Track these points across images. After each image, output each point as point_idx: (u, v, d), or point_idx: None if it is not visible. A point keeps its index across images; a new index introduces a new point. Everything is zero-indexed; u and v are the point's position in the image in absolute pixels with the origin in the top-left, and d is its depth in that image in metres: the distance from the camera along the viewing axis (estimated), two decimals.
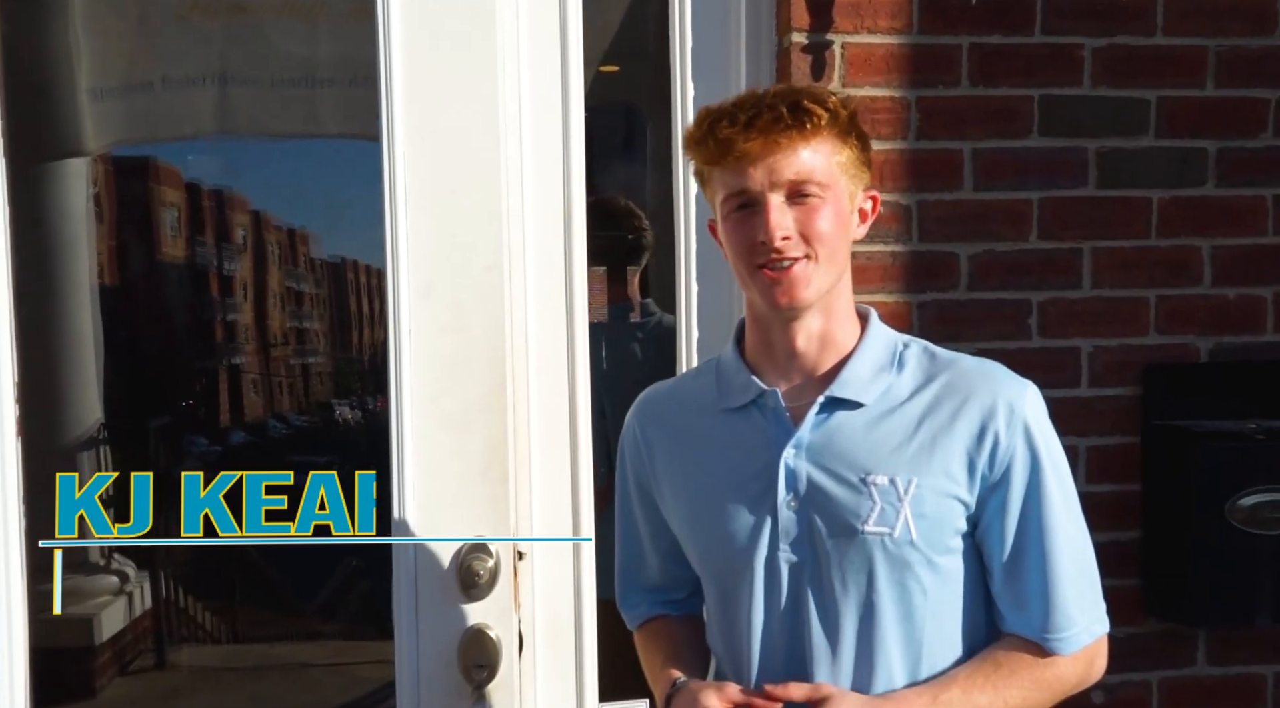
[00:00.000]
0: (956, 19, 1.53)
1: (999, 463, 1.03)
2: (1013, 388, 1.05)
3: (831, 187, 1.03)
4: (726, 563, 1.09)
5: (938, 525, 1.03)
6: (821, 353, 1.08)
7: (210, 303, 5.89)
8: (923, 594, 1.04)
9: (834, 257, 1.04)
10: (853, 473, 1.03)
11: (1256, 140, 1.60)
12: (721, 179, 1.05)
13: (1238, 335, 1.60)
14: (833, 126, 1.03)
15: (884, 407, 1.05)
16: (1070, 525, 1.05)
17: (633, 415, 1.21)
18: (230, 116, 2.56)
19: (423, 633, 1.45)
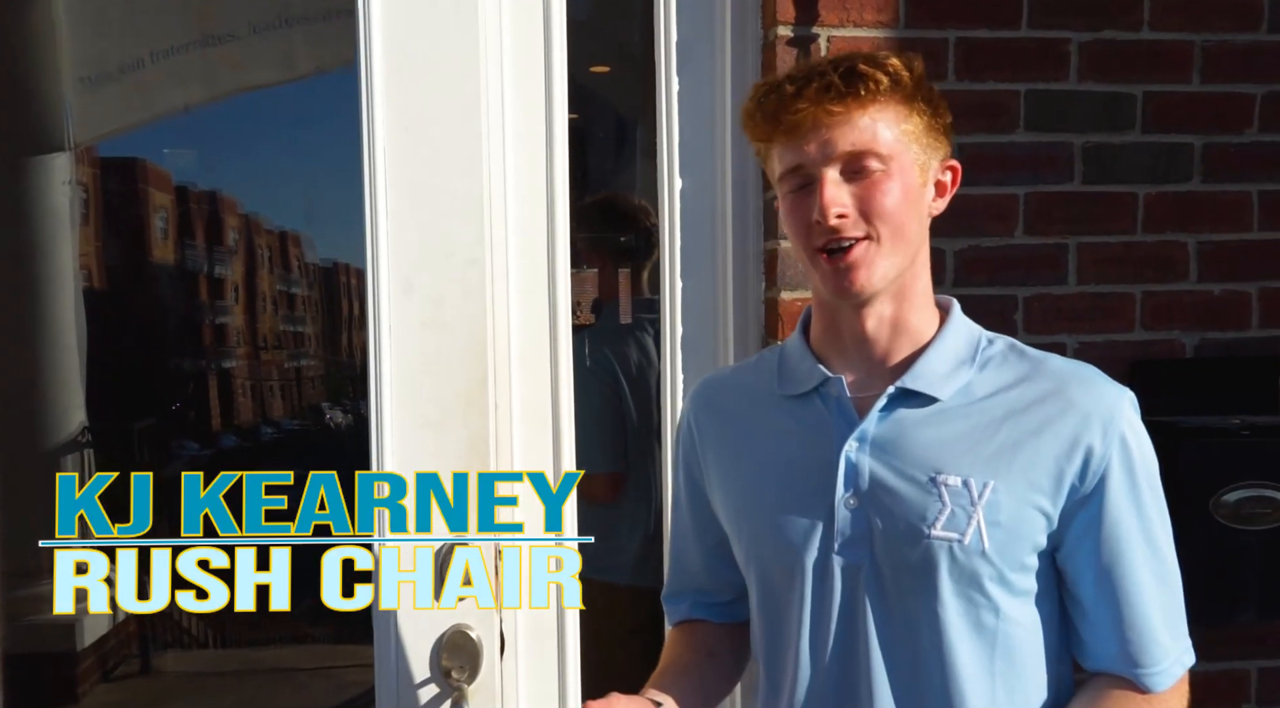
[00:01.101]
0: (943, 13, 1.52)
1: (1091, 476, 0.93)
2: (1110, 395, 0.95)
3: (896, 158, 0.93)
4: (774, 562, 0.99)
5: (1014, 537, 0.92)
6: (894, 340, 0.98)
7: (199, 305, 5.87)
8: (994, 613, 0.93)
9: (901, 236, 0.93)
10: (921, 471, 0.93)
11: (1242, 136, 1.59)
12: (778, 155, 0.96)
13: (1223, 331, 1.60)
14: (895, 91, 0.93)
15: (961, 403, 0.95)
16: (1165, 547, 0.96)
17: (686, 404, 1.14)
18: (215, 79, 2.52)
19: (402, 635, 1.43)
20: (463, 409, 1.45)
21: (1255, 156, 1.59)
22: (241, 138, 3.61)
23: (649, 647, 1.69)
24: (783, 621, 1.00)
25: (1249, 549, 1.50)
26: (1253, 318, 1.60)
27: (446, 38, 1.43)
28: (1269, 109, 1.59)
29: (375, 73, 1.42)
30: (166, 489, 1.17)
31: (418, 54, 1.43)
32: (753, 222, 1.55)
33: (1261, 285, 1.60)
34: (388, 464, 1.44)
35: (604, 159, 3.02)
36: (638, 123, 2.88)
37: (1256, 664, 1.61)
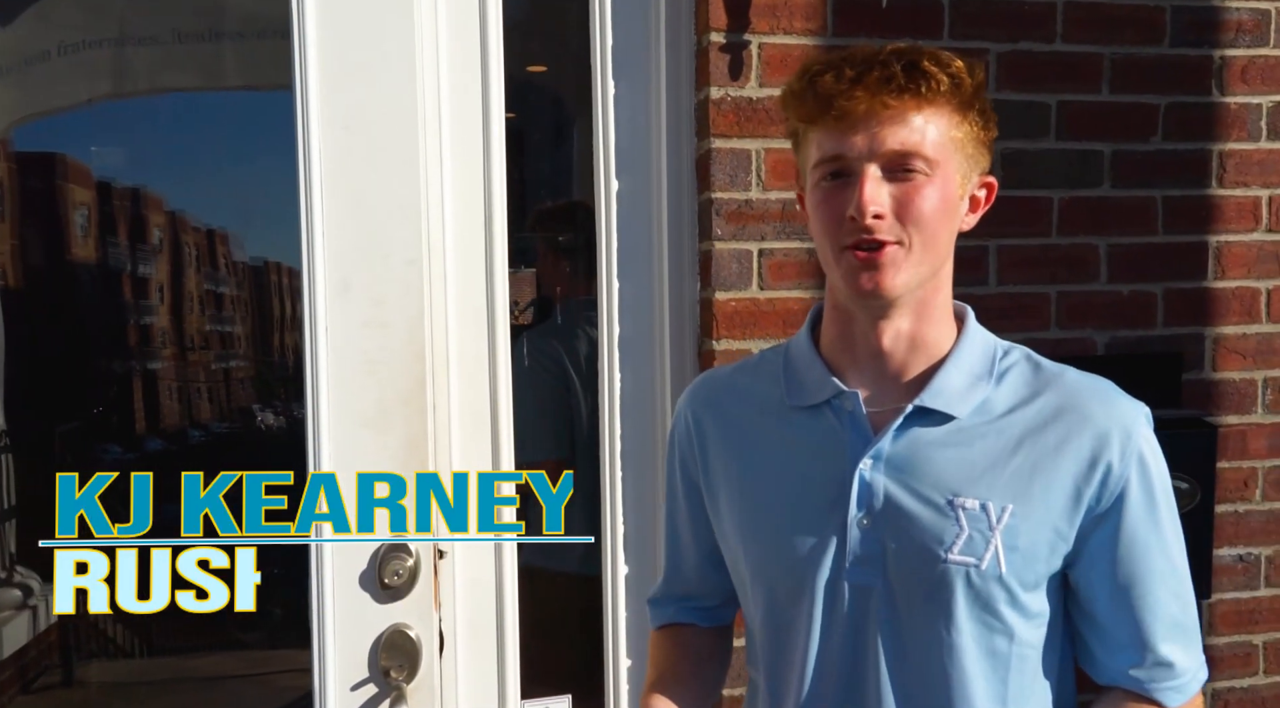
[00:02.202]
0: (869, 22, 1.57)
1: (1109, 494, 0.90)
2: (1128, 411, 0.93)
3: (941, 164, 0.89)
4: (782, 579, 0.96)
5: (1031, 560, 0.90)
6: (910, 355, 0.94)
7: (123, 305, 5.68)
8: (1008, 638, 0.91)
9: (932, 246, 0.89)
10: (938, 493, 0.90)
11: (1148, 144, 1.68)
12: (817, 141, 0.91)
13: (1131, 329, 1.68)
14: (954, 95, 0.89)
15: (979, 421, 0.92)
16: (1181, 564, 0.94)
17: (686, 403, 1.08)
18: (130, 78, 2.47)
19: (340, 635, 1.43)
20: (402, 409, 1.45)
21: (1159, 163, 1.68)
22: (166, 134, 3.51)
23: (592, 633, 1.72)
24: (789, 638, 0.97)
25: None
26: (1158, 317, 1.69)
27: (383, 35, 1.44)
28: (1171, 119, 1.68)
29: (310, 71, 1.41)
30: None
31: (354, 52, 1.43)
32: (688, 223, 1.59)
33: (1166, 286, 1.69)
34: (325, 465, 1.43)
35: (541, 158, 3.03)
36: (575, 122, 2.89)
37: None
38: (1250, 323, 1.72)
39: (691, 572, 1.11)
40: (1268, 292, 1.72)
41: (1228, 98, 1.69)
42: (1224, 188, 1.70)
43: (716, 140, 1.53)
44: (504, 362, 1.55)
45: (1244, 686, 1.73)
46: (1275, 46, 1.70)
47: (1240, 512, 1.72)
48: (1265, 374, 1.73)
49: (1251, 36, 1.69)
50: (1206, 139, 1.69)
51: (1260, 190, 1.71)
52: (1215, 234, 1.71)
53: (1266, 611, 1.73)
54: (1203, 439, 1.62)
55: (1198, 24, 1.67)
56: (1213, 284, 1.71)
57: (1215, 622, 1.72)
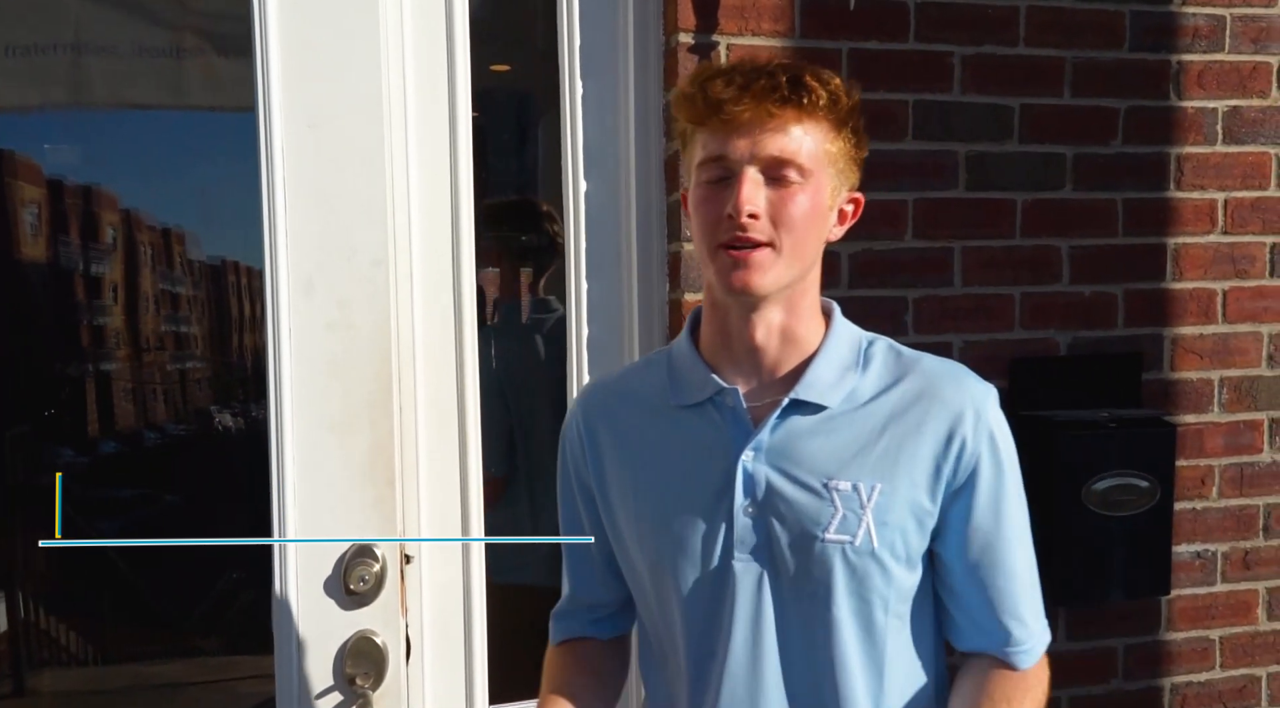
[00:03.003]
0: (836, 24, 1.58)
1: (964, 469, 0.98)
2: (979, 391, 1.01)
3: (815, 174, 0.95)
4: (677, 572, 1.01)
5: (901, 535, 0.97)
6: (783, 350, 1.01)
7: (76, 305, 5.54)
8: (884, 610, 0.98)
9: (800, 249, 0.96)
10: (814, 478, 0.97)
11: (1108, 147, 1.71)
12: (702, 142, 0.97)
13: (1092, 330, 1.71)
14: (831, 111, 0.95)
15: (847, 409, 1.00)
16: (1027, 534, 1.02)
17: (575, 410, 1.12)
18: (85, 86, 2.42)
19: (304, 642, 1.40)
20: (368, 412, 1.43)
21: (1119, 166, 1.71)
22: (120, 131, 3.44)
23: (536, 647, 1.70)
24: (684, 627, 1.01)
25: (1117, 534, 1.62)
26: (1119, 318, 1.72)
27: (347, 31, 1.41)
28: (1131, 122, 1.71)
29: (272, 67, 1.39)
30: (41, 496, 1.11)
31: (318, 48, 1.40)
32: (656, 224, 1.58)
33: (1126, 287, 1.72)
34: (289, 469, 1.41)
35: (508, 157, 3.01)
36: (541, 122, 2.87)
37: (1124, 641, 1.74)
38: (1207, 323, 1.75)
39: (594, 577, 1.14)
40: (1223, 293, 1.76)
41: (1185, 102, 1.73)
42: (1181, 191, 1.74)
43: None
44: (472, 363, 1.53)
45: (1201, 680, 1.77)
46: (1230, 52, 1.73)
47: (1198, 509, 1.76)
48: (1221, 374, 1.76)
49: (1207, 42, 1.73)
50: (1165, 143, 1.72)
51: (1216, 193, 1.75)
52: (1173, 236, 1.74)
53: (1223, 606, 1.77)
54: (1162, 438, 1.65)
55: (1156, 29, 1.70)
56: (1171, 285, 1.74)
57: (1173, 617, 1.75)
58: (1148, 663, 1.75)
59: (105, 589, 3.18)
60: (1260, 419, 1.78)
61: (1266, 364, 1.78)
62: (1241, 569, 1.78)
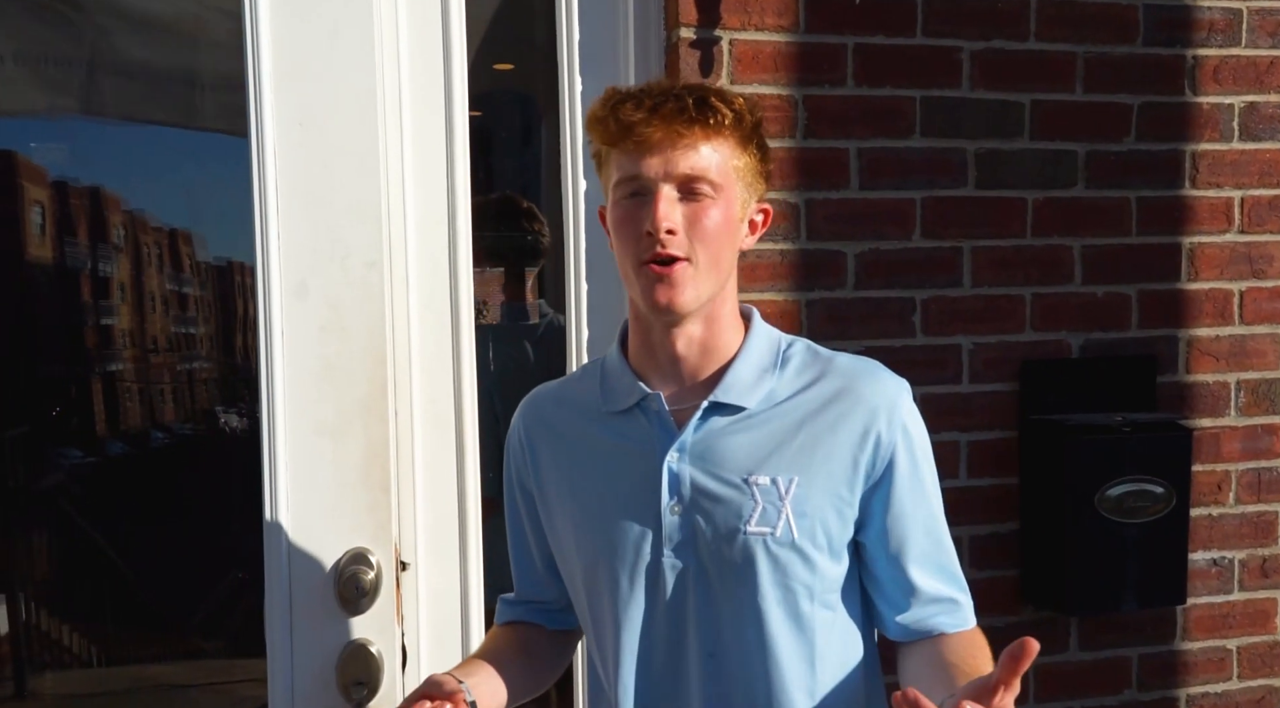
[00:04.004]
0: (841, 19, 1.55)
1: (880, 461, 1.03)
2: (892, 386, 1.06)
3: (725, 189, 1.01)
4: (608, 571, 1.05)
5: (820, 525, 1.02)
6: (703, 358, 1.06)
7: (82, 306, 5.55)
8: (809, 599, 1.02)
9: (716, 262, 1.01)
10: (735, 474, 1.02)
11: (1121, 144, 1.67)
12: (617, 162, 1.02)
13: (1105, 332, 1.67)
14: (736, 129, 1.01)
15: (765, 408, 1.04)
16: (938, 513, 1.08)
17: (517, 418, 1.17)
18: (93, 101, 2.41)
19: (298, 650, 1.38)
20: (362, 416, 1.40)
21: (1132, 164, 1.67)
22: (122, 133, 3.43)
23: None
24: (618, 626, 1.05)
25: (1131, 541, 1.58)
26: (1132, 319, 1.68)
27: (340, 28, 1.38)
28: (1145, 119, 1.67)
29: (264, 64, 1.36)
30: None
31: (310, 45, 1.38)
32: None
33: (1140, 287, 1.68)
34: (281, 474, 1.38)
35: (507, 157, 2.98)
36: (542, 120, 2.85)
37: (1138, 651, 1.70)
38: (1223, 325, 1.71)
39: (537, 577, 1.18)
40: (1240, 293, 1.72)
41: (1200, 98, 1.68)
42: (1197, 189, 1.69)
43: None
44: (469, 366, 1.50)
45: (1218, 691, 1.73)
46: (1247, 46, 1.69)
47: (1214, 515, 1.72)
48: (1238, 376, 1.72)
49: (1223, 36, 1.68)
50: (1179, 139, 1.68)
51: (1233, 191, 1.71)
52: (1188, 235, 1.70)
53: (1240, 615, 1.73)
54: (1177, 443, 1.61)
55: (1170, 23, 1.66)
56: (1186, 285, 1.70)
57: (1189, 627, 1.71)
58: (1162, 674, 1.71)
59: (106, 591, 3.17)
60: (1278, 423, 1.74)
61: None
62: (1259, 577, 1.74)
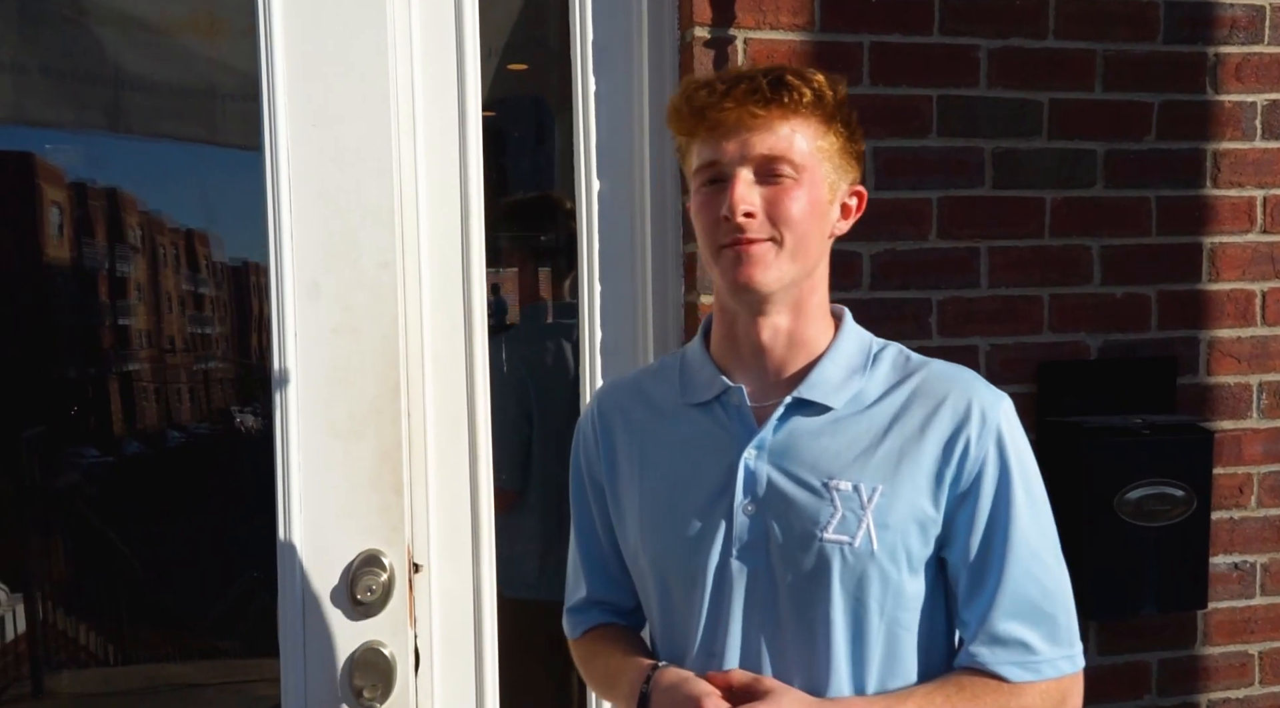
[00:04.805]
0: (857, 17, 1.53)
1: (968, 473, 0.96)
2: (987, 395, 0.99)
3: (809, 170, 0.96)
4: (677, 568, 1.01)
5: (902, 539, 0.95)
6: (789, 351, 1.01)
7: (99, 306, 5.59)
8: (879, 614, 0.96)
9: (803, 246, 0.96)
10: (815, 477, 0.96)
11: (1141, 143, 1.64)
12: (696, 151, 0.99)
13: (1124, 333, 1.65)
14: (817, 107, 0.96)
15: (852, 411, 0.99)
16: (1040, 547, 0.98)
17: (590, 408, 1.13)
18: (117, 115, 2.44)
19: (310, 653, 1.38)
20: (374, 418, 1.40)
21: (1152, 163, 1.65)
22: (149, 150, 3.46)
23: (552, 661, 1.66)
24: (683, 625, 1.01)
25: (1150, 545, 1.55)
26: (1152, 320, 1.66)
27: (354, 28, 1.38)
28: (1165, 117, 1.64)
29: (277, 64, 1.36)
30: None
31: (323, 46, 1.37)
32: (672, 225, 1.54)
33: (1159, 288, 1.66)
34: (294, 476, 1.38)
35: (520, 158, 2.97)
36: (556, 121, 2.84)
37: (1157, 656, 1.67)
38: (1245, 326, 1.69)
39: (610, 576, 1.13)
40: (1263, 294, 1.69)
41: (1222, 96, 1.66)
42: (1218, 188, 1.67)
43: None
44: (482, 367, 1.50)
45: (1239, 697, 1.70)
46: (1270, 44, 1.67)
47: (1235, 519, 1.69)
48: (1260, 378, 1.70)
49: (1246, 33, 1.66)
50: (1200, 138, 1.66)
51: (1255, 190, 1.68)
52: (1209, 235, 1.67)
53: (1262, 620, 1.70)
54: (1198, 446, 1.59)
55: (1191, 20, 1.64)
56: (1207, 286, 1.68)
57: (1210, 631, 1.69)
58: (1183, 679, 1.68)
59: (122, 590, 3.18)
60: None
61: None
62: None
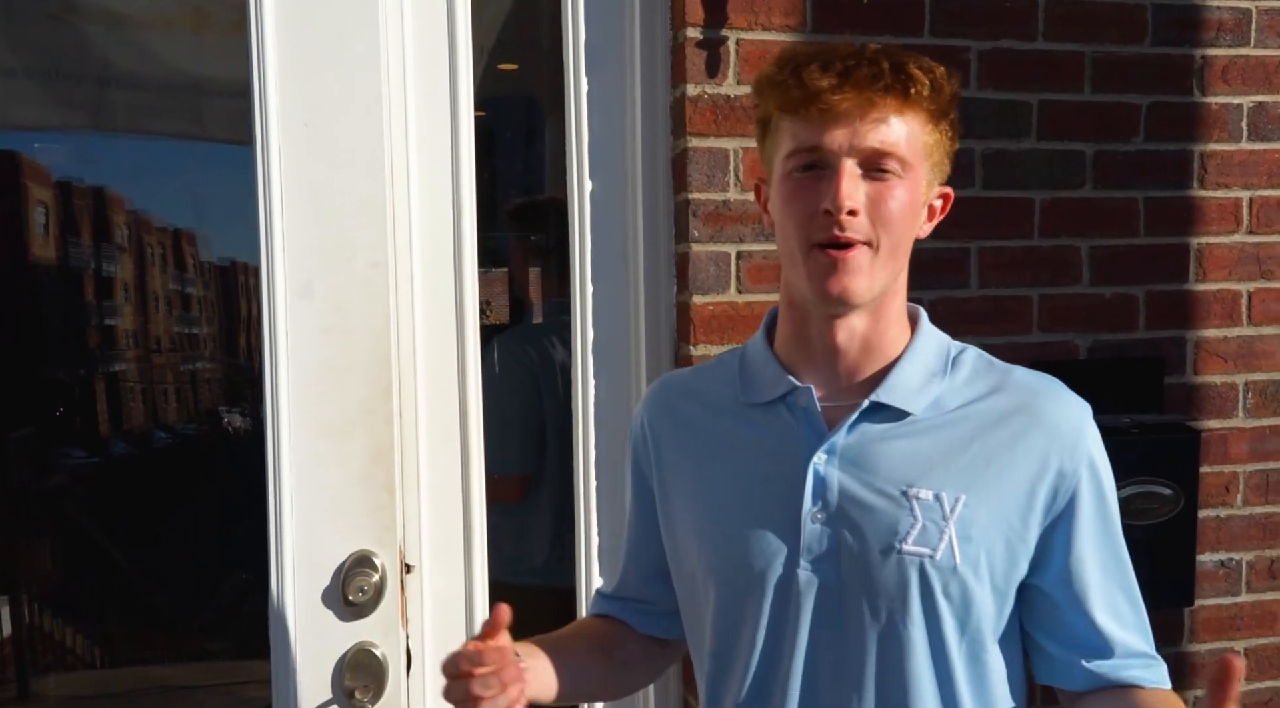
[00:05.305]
0: (849, 18, 1.54)
1: (1063, 495, 0.91)
2: (1076, 409, 0.94)
3: (913, 168, 0.89)
4: (734, 577, 0.94)
5: (986, 553, 0.89)
6: (864, 354, 0.94)
7: (85, 306, 5.55)
8: (959, 634, 0.90)
9: (897, 251, 0.90)
10: (893, 485, 0.89)
11: (1130, 144, 1.65)
12: (792, 130, 0.89)
13: (1113, 333, 1.66)
14: (933, 101, 0.89)
15: (932, 416, 0.92)
16: (1127, 560, 0.96)
17: (641, 408, 1.07)
18: (104, 114, 2.43)
19: (301, 654, 1.37)
20: (366, 418, 1.40)
21: (1141, 164, 1.66)
22: (136, 149, 3.44)
23: None
24: (744, 634, 0.94)
25: (1138, 543, 1.55)
26: (1140, 320, 1.67)
27: (346, 27, 1.38)
28: (1153, 119, 1.66)
29: (269, 63, 1.35)
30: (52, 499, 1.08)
31: (315, 44, 1.37)
32: (664, 224, 1.54)
33: (1148, 289, 1.67)
34: (285, 476, 1.37)
35: (512, 158, 2.97)
36: (547, 120, 2.84)
37: None
38: (1231, 326, 1.70)
39: (646, 574, 1.09)
40: (1249, 294, 1.71)
41: (1209, 98, 1.67)
42: (1205, 189, 1.68)
43: (693, 139, 1.48)
44: (474, 367, 1.49)
45: None
46: (1256, 46, 1.68)
47: (1222, 517, 1.71)
48: (1246, 378, 1.71)
49: (1232, 35, 1.67)
50: (1188, 140, 1.67)
51: (1241, 192, 1.70)
52: (1197, 236, 1.69)
53: (1248, 617, 1.72)
54: (1185, 445, 1.60)
55: (1179, 22, 1.65)
56: (1194, 286, 1.69)
57: (1197, 628, 1.70)
58: (1170, 676, 1.69)
59: (110, 592, 3.17)
60: None
61: None
62: (1267, 579, 1.73)
